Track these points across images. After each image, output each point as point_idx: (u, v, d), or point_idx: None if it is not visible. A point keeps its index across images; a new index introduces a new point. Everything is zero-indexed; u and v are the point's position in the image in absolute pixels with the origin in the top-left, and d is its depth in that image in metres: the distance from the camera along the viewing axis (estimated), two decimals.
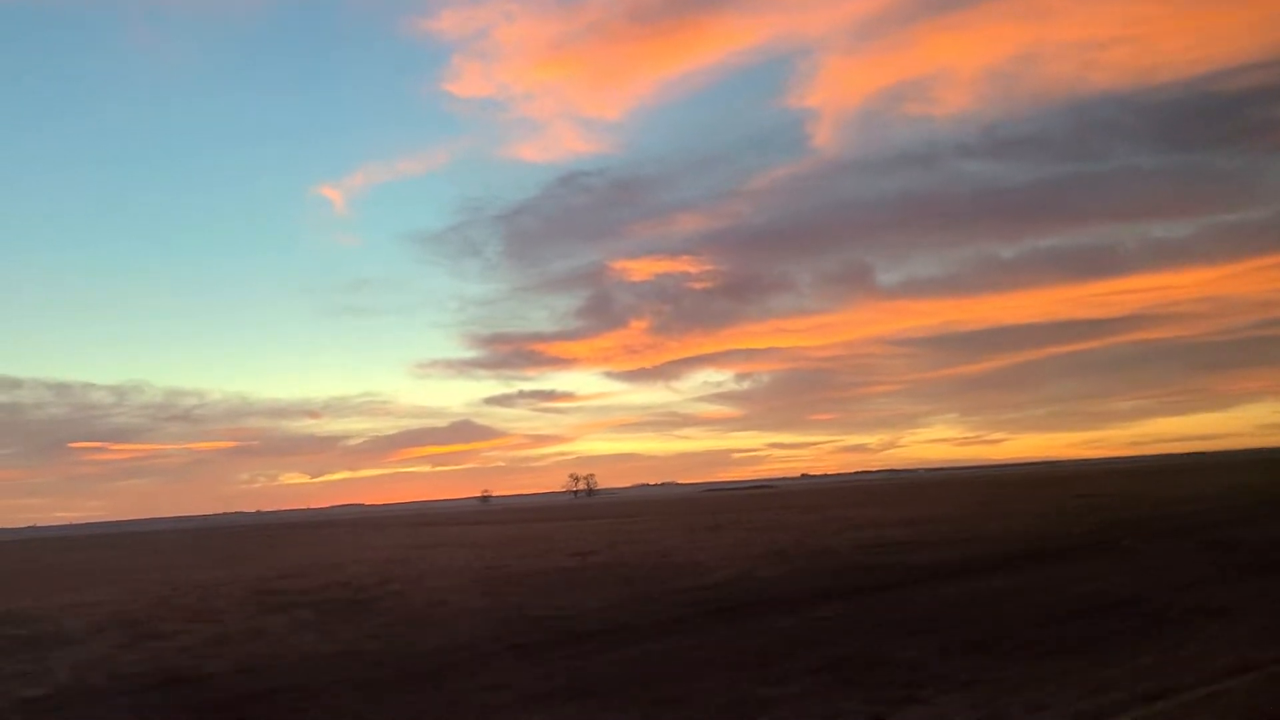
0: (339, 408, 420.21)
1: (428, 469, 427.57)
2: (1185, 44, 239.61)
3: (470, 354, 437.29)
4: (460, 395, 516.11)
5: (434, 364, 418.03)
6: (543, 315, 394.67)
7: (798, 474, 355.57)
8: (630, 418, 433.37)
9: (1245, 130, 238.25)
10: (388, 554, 33.53)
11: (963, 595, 14.08)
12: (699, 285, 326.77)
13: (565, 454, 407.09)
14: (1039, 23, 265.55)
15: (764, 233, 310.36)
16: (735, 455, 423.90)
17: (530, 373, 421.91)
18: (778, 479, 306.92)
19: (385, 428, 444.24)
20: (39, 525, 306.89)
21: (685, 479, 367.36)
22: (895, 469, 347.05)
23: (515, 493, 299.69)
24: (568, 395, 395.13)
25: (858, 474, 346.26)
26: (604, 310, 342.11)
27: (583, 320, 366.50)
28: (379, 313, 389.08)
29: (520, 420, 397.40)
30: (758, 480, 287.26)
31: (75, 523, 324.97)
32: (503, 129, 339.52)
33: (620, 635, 12.42)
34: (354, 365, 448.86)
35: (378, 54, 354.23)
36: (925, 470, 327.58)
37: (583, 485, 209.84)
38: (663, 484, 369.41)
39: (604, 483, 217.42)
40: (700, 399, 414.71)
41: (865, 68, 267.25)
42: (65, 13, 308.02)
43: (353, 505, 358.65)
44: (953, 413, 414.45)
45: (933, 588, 14.97)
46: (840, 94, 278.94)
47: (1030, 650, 10.05)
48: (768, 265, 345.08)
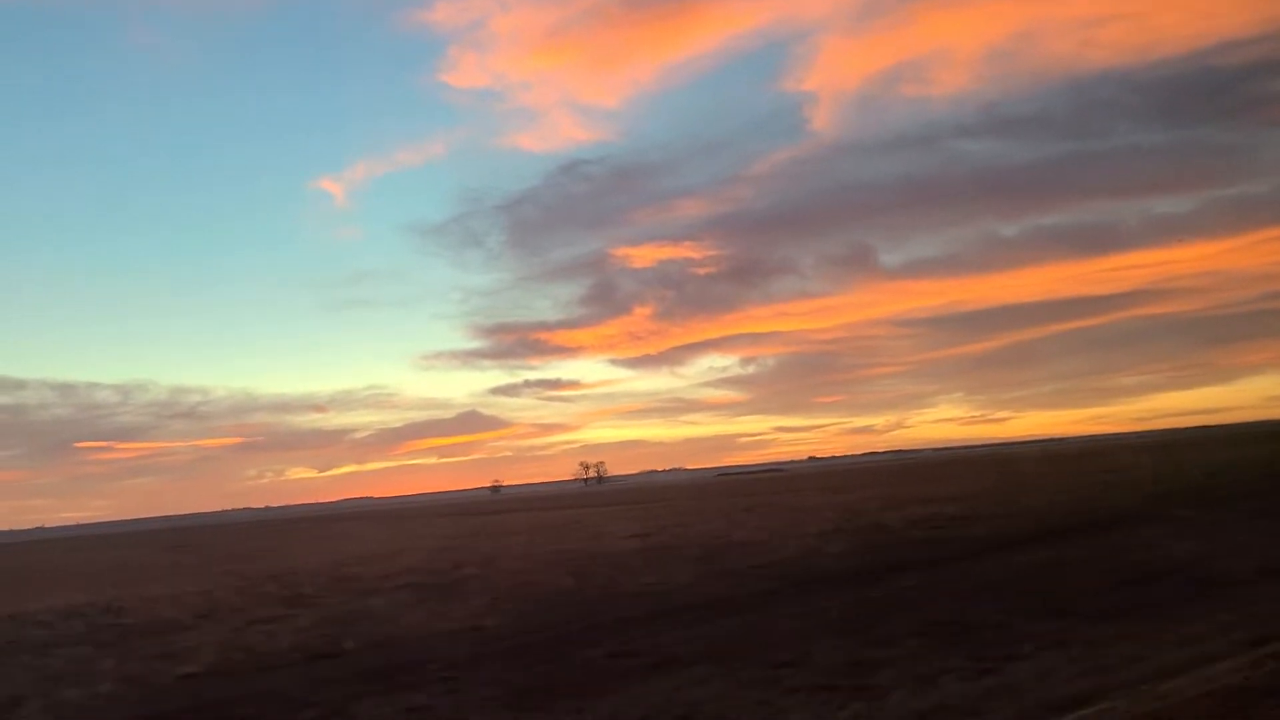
0: (345, 401, 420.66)
1: (435, 460, 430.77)
2: (1183, 19, 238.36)
3: (474, 344, 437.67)
4: (465, 386, 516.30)
5: (438, 355, 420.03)
6: (546, 304, 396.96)
7: (804, 457, 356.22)
8: (636, 404, 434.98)
9: (1244, 105, 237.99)
10: (435, 543, 34.06)
11: (1032, 564, 14.73)
12: (702, 270, 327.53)
13: (572, 442, 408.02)
14: (1036, 1, 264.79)
15: (765, 217, 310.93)
16: (741, 440, 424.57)
17: (535, 362, 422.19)
18: (785, 462, 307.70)
19: (391, 420, 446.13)
20: (46, 526, 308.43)
21: (692, 464, 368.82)
22: (902, 450, 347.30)
23: (524, 482, 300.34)
24: (573, 383, 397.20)
25: (865, 455, 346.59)
26: (607, 298, 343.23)
27: (586, 308, 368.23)
28: (382, 305, 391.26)
29: (526, 410, 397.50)
30: (766, 464, 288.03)
31: (82, 523, 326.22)
32: (501, 119, 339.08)
33: (719, 607, 13.01)
34: (358, 358, 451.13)
35: (374, 47, 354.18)
36: (932, 450, 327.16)
37: (593, 473, 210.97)
38: (670, 470, 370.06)
39: (611, 470, 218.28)
40: (705, 384, 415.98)
41: (863, 49, 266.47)
42: (65, 12, 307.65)
43: (361, 499, 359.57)
44: (958, 392, 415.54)
45: (1002, 557, 15.61)
46: (838, 76, 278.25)
47: (1109, 612, 10.63)
48: (770, 249, 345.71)
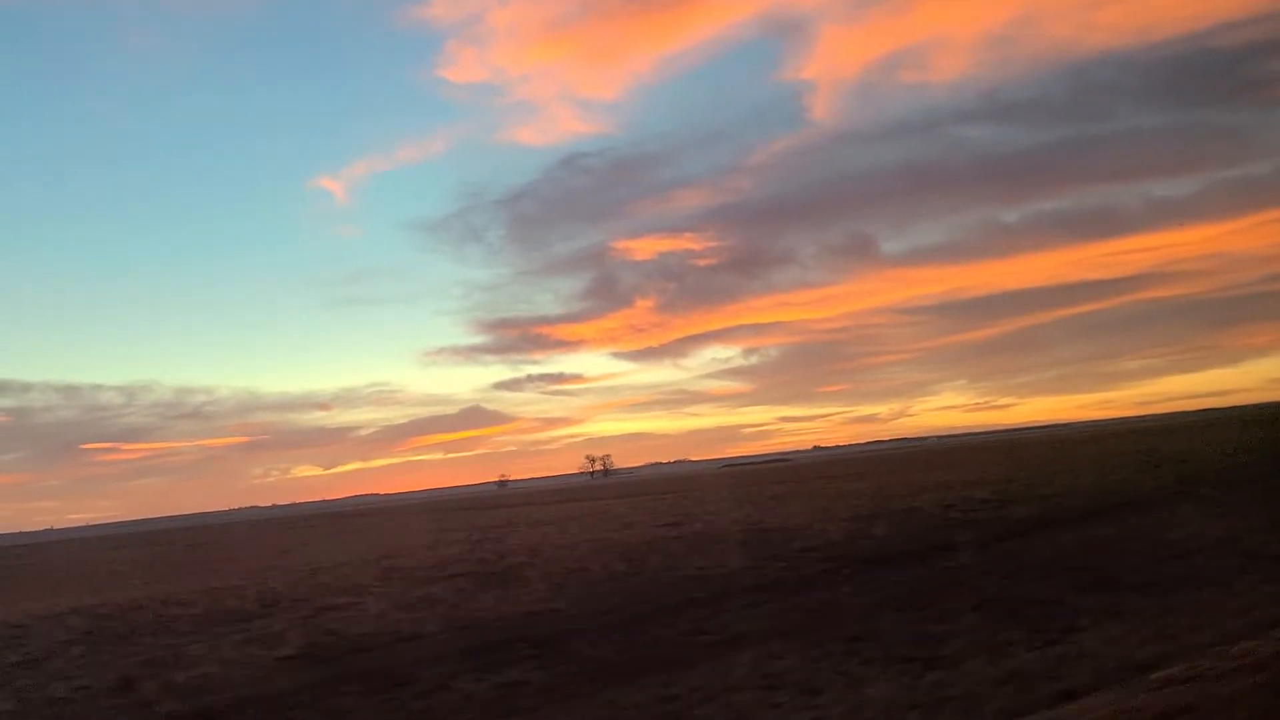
0: (348, 399, 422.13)
1: (439, 456, 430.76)
2: (1181, 0, 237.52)
3: (477, 340, 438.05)
4: (469, 381, 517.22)
5: (441, 351, 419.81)
6: (548, 298, 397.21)
7: (809, 446, 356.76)
8: (639, 397, 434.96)
9: (1244, 85, 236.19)
10: (465, 535, 34.39)
11: (1075, 542, 15.28)
12: (703, 262, 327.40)
13: (576, 436, 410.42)
14: None
15: (766, 207, 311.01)
16: (746, 430, 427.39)
17: (538, 356, 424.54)
18: (790, 452, 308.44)
19: (395, 417, 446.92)
20: (55, 528, 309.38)
21: (697, 456, 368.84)
22: (906, 438, 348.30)
23: (529, 476, 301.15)
24: (576, 377, 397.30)
25: (869, 444, 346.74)
26: (609, 291, 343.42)
27: (588, 301, 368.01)
28: (384, 302, 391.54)
29: (530, 404, 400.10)
30: (772, 454, 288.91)
31: (90, 524, 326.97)
32: (500, 113, 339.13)
33: (779, 588, 13.56)
34: (361, 356, 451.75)
35: (372, 44, 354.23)
36: (937, 438, 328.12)
37: (599, 466, 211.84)
38: (675, 462, 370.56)
39: (616, 463, 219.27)
40: (708, 375, 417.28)
41: (861, 37, 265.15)
42: (65, 13, 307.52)
43: (367, 496, 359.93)
44: (961, 379, 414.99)
45: (1046, 537, 16.16)
46: (837, 65, 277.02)
47: (1157, 585, 11.11)
48: (771, 239, 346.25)
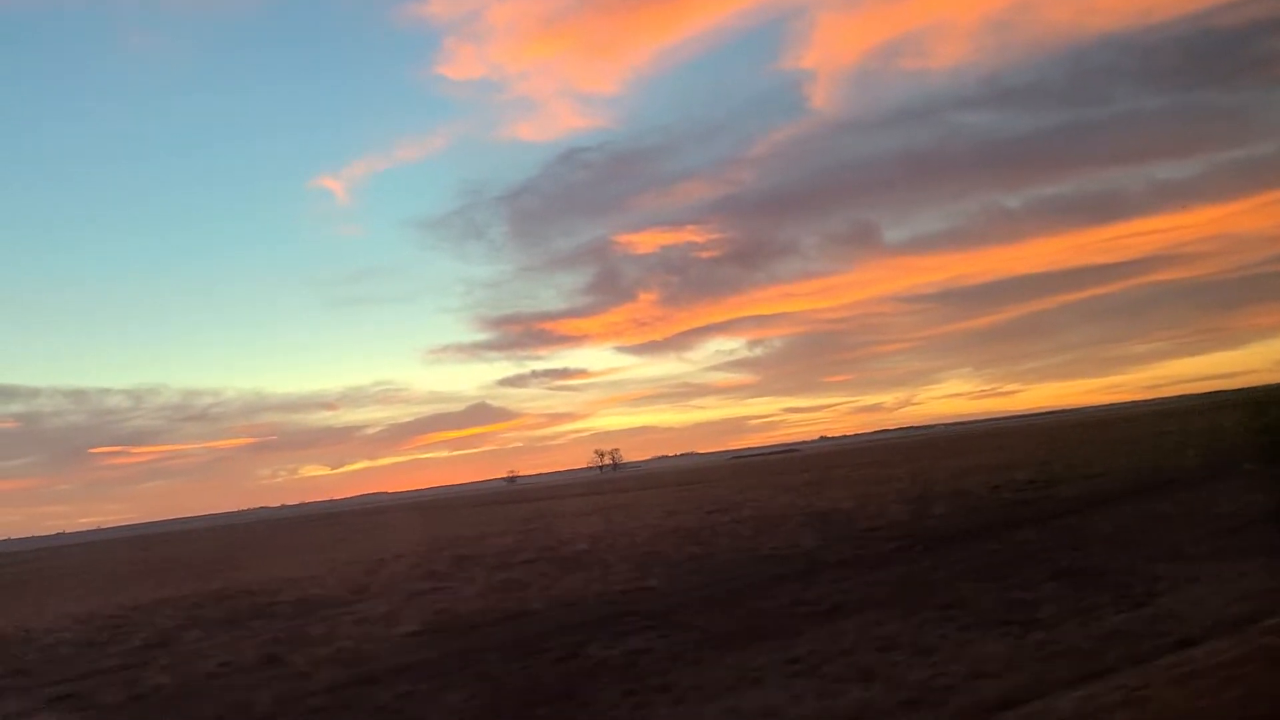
0: (354, 398, 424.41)
1: (446, 454, 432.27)
2: None
3: (481, 337, 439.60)
4: (474, 378, 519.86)
5: (445, 349, 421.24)
6: (551, 294, 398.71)
7: (815, 437, 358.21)
8: (644, 391, 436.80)
9: (1245, 65, 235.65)
10: (508, 526, 35.10)
11: (1134, 516, 15.96)
12: (705, 254, 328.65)
13: (582, 430, 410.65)
14: None
15: (768, 197, 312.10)
16: (751, 422, 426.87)
17: (542, 352, 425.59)
18: (798, 443, 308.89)
19: (401, 415, 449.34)
20: (66, 532, 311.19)
21: (704, 448, 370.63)
22: (913, 426, 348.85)
23: (538, 472, 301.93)
24: (581, 372, 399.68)
25: (876, 433, 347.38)
26: (612, 285, 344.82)
27: (591, 296, 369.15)
28: (387, 301, 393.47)
29: (535, 400, 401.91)
30: (779, 445, 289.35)
31: (101, 527, 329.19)
32: (500, 110, 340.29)
33: (859, 564, 14.15)
34: (366, 355, 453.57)
35: (370, 43, 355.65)
36: (944, 426, 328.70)
37: (609, 460, 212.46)
38: (682, 455, 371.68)
39: (623, 456, 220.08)
40: (713, 368, 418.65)
41: (860, 24, 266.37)
42: (65, 13, 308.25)
43: (375, 494, 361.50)
44: (966, 367, 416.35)
45: (1104, 511, 16.83)
46: (835, 53, 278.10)
47: (1223, 553, 11.72)
48: (773, 230, 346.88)
